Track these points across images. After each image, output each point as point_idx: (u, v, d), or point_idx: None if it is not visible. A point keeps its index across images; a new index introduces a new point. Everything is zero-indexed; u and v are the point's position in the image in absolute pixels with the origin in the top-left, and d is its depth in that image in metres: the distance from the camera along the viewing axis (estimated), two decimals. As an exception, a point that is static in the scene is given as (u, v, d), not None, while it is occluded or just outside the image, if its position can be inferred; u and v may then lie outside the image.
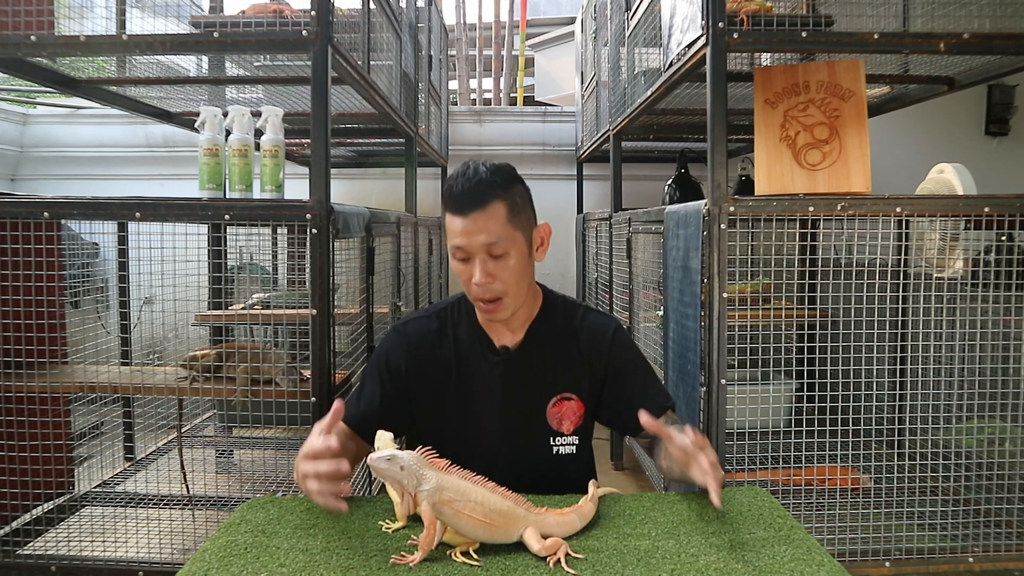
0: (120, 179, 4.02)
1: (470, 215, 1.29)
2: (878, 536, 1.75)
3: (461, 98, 4.85)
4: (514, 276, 1.32)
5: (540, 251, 1.40)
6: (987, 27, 1.78)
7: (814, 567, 1.05)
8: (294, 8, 1.78)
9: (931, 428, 1.82)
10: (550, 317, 1.44)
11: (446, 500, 1.06)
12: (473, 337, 1.42)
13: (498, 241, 1.30)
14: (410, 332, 1.43)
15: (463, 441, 1.41)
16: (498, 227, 1.30)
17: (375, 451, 1.25)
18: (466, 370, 1.41)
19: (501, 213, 1.30)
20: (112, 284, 2.96)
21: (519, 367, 1.40)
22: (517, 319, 1.41)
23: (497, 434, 1.40)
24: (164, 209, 1.69)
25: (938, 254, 1.92)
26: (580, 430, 1.43)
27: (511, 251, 1.32)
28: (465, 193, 1.30)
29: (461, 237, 1.30)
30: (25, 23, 1.73)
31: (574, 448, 1.42)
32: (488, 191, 1.30)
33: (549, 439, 1.41)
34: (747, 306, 2.37)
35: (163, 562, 1.87)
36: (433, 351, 1.42)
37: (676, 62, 1.86)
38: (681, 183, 2.98)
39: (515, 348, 1.41)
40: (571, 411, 1.41)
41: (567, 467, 1.41)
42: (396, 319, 2.38)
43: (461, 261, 1.33)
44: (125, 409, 2.61)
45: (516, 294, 1.34)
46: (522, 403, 1.40)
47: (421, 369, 1.41)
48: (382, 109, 2.30)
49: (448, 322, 1.44)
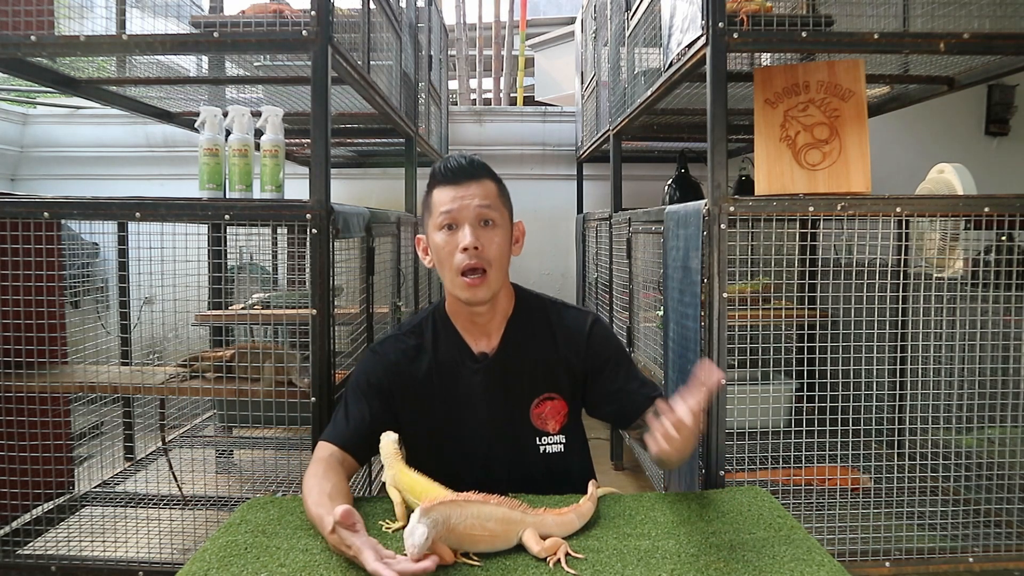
0: (120, 179, 4.02)
1: (463, 183, 1.33)
2: (878, 536, 1.75)
3: (461, 98, 4.85)
4: (499, 252, 1.34)
5: (517, 246, 1.43)
6: (987, 27, 1.78)
7: (814, 567, 1.05)
8: (294, 8, 1.78)
9: (931, 428, 1.82)
10: (525, 317, 1.44)
11: (451, 528, 1.06)
12: (451, 347, 1.42)
13: (491, 206, 1.34)
14: (387, 351, 1.43)
15: (453, 448, 1.41)
16: (491, 196, 1.35)
17: (383, 464, 1.26)
18: (448, 380, 1.41)
19: (492, 188, 1.37)
20: (112, 284, 2.96)
21: (499, 372, 1.40)
22: (493, 321, 1.42)
23: (485, 439, 1.40)
24: (164, 209, 1.69)
25: (938, 254, 1.92)
26: (566, 428, 1.43)
27: (499, 224, 1.35)
28: (459, 167, 1.35)
29: (452, 203, 1.32)
30: (25, 23, 1.73)
31: (561, 447, 1.42)
32: (481, 169, 1.37)
33: (535, 439, 1.41)
34: (747, 306, 2.37)
35: (163, 562, 1.87)
36: (412, 366, 1.42)
37: (676, 62, 1.86)
38: (681, 183, 2.98)
39: (493, 353, 1.41)
40: (555, 410, 1.42)
41: (556, 465, 1.41)
42: (396, 319, 2.38)
43: (448, 231, 1.33)
44: (125, 409, 2.61)
45: (498, 271, 1.35)
46: (505, 407, 1.40)
47: (403, 385, 1.41)
48: (382, 109, 2.30)
49: (424, 336, 1.44)
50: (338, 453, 1.34)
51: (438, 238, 1.34)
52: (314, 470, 1.28)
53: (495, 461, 1.40)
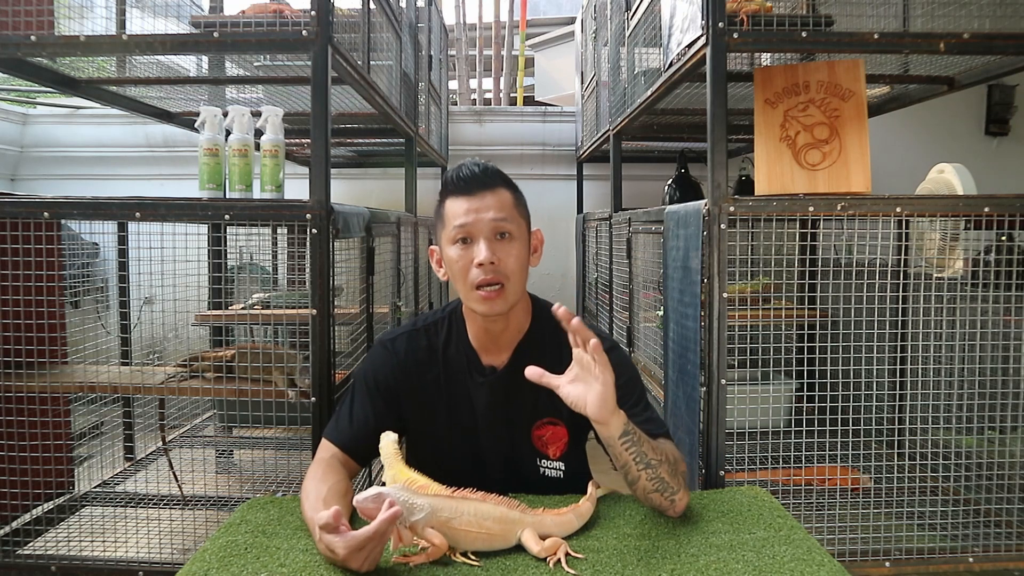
0: (120, 179, 4.02)
1: (477, 194, 1.28)
2: (878, 536, 1.75)
3: (461, 98, 4.85)
4: (517, 264, 1.29)
5: (535, 256, 1.38)
6: (987, 27, 1.78)
7: (814, 567, 1.05)
8: (294, 8, 1.78)
9: (931, 428, 1.82)
10: (539, 335, 1.39)
11: (443, 522, 1.06)
12: (461, 356, 1.39)
13: (507, 218, 1.28)
14: (399, 349, 1.39)
15: (456, 453, 1.39)
16: (506, 207, 1.29)
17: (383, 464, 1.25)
18: (455, 388, 1.38)
19: (508, 198, 1.31)
20: (112, 284, 2.96)
21: (504, 389, 1.36)
22: (506, 334, 1.37)
23: (487, 451, 1.38)
24: (164, 209, 1.69)
25: (938, 254, 1.92)
26: (566, 457, 1.37)
27: (516, 236, 1.30)
28: (473, 177, 1.29)
29: (466, 216, 1.26)
30: (25, 23, 1.73)
31: (560, 473, 1.37)
32: (495, 178, 1.31)
33: (536, 460, 1.37)
34: (747, 306, 2.36)
35: (163, 562, 1.87)
36: (422, 368, 1.38)
37: (676, 62, 1.86)
38: (681, 183, 2.98)
39: (502, 368, 1.37)
40: (556, 436, 1.37)
41: (555, 491, 1.36)
42: (396, 319, 2.38)
43: (462, 245, 1.28)
44: (125, 409, 2.61)
45: (516, 284, 1.30)
46: (507, 425, 1.37)
47: (411, 385, 1.38)
48: (382, 109, 2.30)
49: (437, 339, 1.40)
50: (340, 455, 1.33)
51: (452, 252, 1.29)
52: (313, 472, 1.27)
53: (495, 471, 1.38)
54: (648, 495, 1.20)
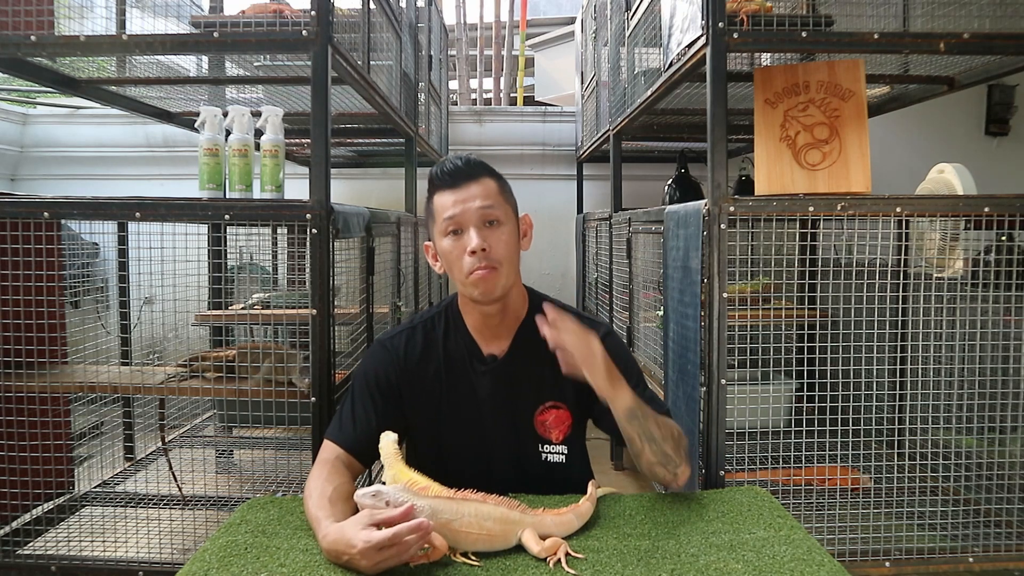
0: (120, 179, 4.02)
1: (462, 186, 1.32)
2: (878, 536, 1.75)
3: (461, 98, 4.85)
4: (507, 249, 1.33)
5: (525, 240, 1.42)
6: (987, 27, 1.78)
7: (814, 567, 1.05)
8: (294, 8, 1.78)
9: (931, 428, 1.82)
10: (537, 323, 1.42)
11: (443, 523, 1.06)
12: (461, 346, 1.41)
13: (493, 205, 1.32)
14: (397, 347, 1.42)
15: (458, 449, 1.40)
16: (492, 195, 1.34)
17: (383, 464, 1.26)
18: (455, 380, 1.40)
19: (493, 186, 1.35)
20: (112, 284, 2.96)
21: (506, 376, 1.39)
22: (504, 322, 1.40)
23: (489, 442, 1.39)
24: (164, 209, 1.69)
25: (938, 254, 1.92)
26: (569, 439, 1.40)
27: (504, 221, 1.34)
28: (457, 169, 1.34)
29: (454, 207, 1.31)
30: (25, 23, 1.73)
31: (563, 457, 1.40)
32: (479, 168, 1.35)
33: (538, 446, 1.40)
34: (747, 306, 2.36)
35: (163, 562, 1.87)
36: (422, 364, 1.41)
37: (676, 62, 1.86)
38: (681, 183, 2.98)
39: (502, 356, 1.40)
40: (559, 420, 1.40)
41: (558, 475, 1.40)
42: (396, 319, 2.38)
43: (454, 236, 1.33)
44: (125, 409, 2.61)
45: (509, 267, 1.34)
46: (509, 412, 1.39)
47: (411, 382, 1.40)
48: (382, 109, 2.30)
49: (435, 333, 1.43)
50: (344, 456, 1.34)
51: (445, 244, 1.34)
52: (318, 471, 1.28)
53: (496, 464, 1.39)
54: (653, 467, 1.27)
